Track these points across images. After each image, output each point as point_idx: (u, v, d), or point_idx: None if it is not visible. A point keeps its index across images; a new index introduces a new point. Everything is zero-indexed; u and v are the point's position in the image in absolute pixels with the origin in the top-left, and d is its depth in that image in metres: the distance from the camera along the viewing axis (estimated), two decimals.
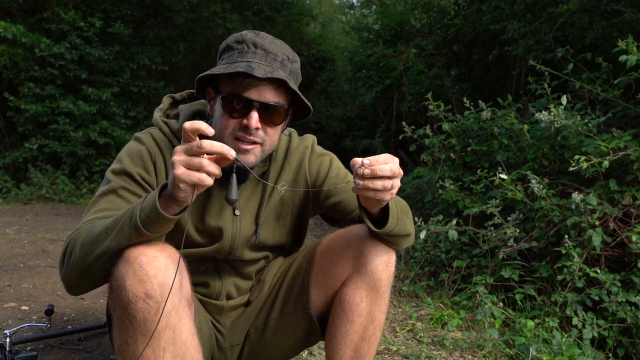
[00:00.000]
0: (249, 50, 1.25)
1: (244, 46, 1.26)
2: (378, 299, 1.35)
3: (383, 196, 1.09)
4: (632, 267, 2.56)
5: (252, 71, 1.18)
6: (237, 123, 1.24)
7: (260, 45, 1.25)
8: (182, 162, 0.98)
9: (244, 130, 1.23)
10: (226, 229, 1.39)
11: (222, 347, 1.51)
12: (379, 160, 1.08)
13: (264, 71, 1.19)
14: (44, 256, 3.98)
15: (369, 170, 1.06)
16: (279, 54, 1.27)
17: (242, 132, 1.24)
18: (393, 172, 1.08)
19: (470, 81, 7.34)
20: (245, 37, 1.27)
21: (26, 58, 8.01)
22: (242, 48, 1.26)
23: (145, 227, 1.03)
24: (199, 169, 0.98)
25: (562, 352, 2.17)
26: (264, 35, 1.28)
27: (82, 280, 1.16)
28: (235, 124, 1.24)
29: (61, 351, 2.09)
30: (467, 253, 3.26)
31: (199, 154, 0.98)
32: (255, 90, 1.22)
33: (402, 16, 8.85)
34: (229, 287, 1.49)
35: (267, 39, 1.27)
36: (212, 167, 0.99)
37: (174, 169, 0.98)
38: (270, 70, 1.21)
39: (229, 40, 1.30)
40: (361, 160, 1.07)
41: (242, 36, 1.27)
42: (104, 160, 8.59)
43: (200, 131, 0.98)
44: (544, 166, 3.19)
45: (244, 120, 1.22)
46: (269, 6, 11.37)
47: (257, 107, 1.22)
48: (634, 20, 4.15)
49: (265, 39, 1.27)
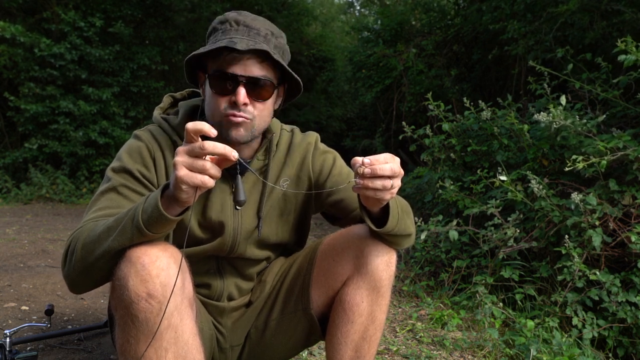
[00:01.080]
0: (232, 28, 1.27)
1: (226, 25, 1.28)
2: (379, 299, 1.35)
3: (383, 195, 1.09)
4: (632, 267, 2.56)
5: (234, 45, 1.19)
6: (226, 101, 1.26)
7: (242, 22, 1.28)
8: (184, 164, 0.98)
9: (233, 107, 1.25)
10: (228, 223, 1.38)
11: (223, 347, 1.51)
12: (380, 159, 1.07)
13: (246, 44, 1.21)
14: (44, 256, 3.98)
15: (369, 170, 1.06)
16: (262, 29, 1.29)
17: (231, 110, 1.25)
18: (393, 171, 1.08)
19: (470, 81, 7.34)
20: (227, 17, 1.29)
21: (26, 58, 8.00)
22: (225, 27, 1.28)
23: (147, 227, 1.03)
24: (202, 171, 0.98)
25: (562, 352, 2.17)
26: (245, 14, 1.30)
27: (84, 279, 1.16)
28: (225, 102, 1.26)
29: (61, 351, 2.09)
30: (467, 253, 3.26)
31: (202, 156, 0.98)
32: (239, 66, 1.23)
33: (402, 16, 8.85)
34: (231, 288, 1.49)
35: (249, 16, 1.30)
36: (214, 170, 0.99)
37: (176, 171, 0.98)
38: (253, 44, 1.22)
39: (214, 22, 1.32)
40: (362, 159, 1.07)
41: (225, 16, 1.30)
42: (104, 160, 8.59)
43: (203, 132, 0.98)
44: (544, 166, 3.19)
45: (232, 97, 1.24)
46: (269, 6, 11.36)
47: (244, 83, 1.24)
48: (634, 20, 4.15)
49: (247, 17, 1.29)
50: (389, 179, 1.08)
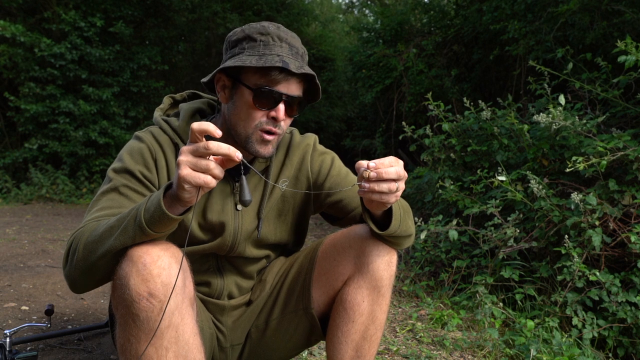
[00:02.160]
0: (275, 43, 1.26)
1: (268, 38, 1.26)
2: (379, 299, 1.35)
3: (388, 199, 1.10)
4: (632, 267, 2.56)
5: (287, 66, 1.21)
6: (264, 115, 1.27)
7: (284, 39, 1.28)
8: (188, 163, 0.98)
9: (271, 123, 1.27)
10: (228, 224, 1.39)
11: (223, 346, 1.52)
12: (385, 163, 1.08)
13: (295, 66, 1.23)
14: (44, 256, 3.98)
15: (375, 173, 1.06)
16: (300, 48, 1.31)
17: (269, 125, 1.27)
18: (398, 174, 1.08)
19: (471, 81, 7.34)
20: (268, 29, 1.27)
21: (26, 58, 8.01)
22: (266, 40, 1.26)
23: (149, 226, 1.03)
24: (205, 171, 0.98)
25: (562, 352, 2.17)
26: (283, 29, 1.30)
27: (86, 279, 1.16)
28: (262, 116, 1.27)
29: (61, 351, 2.09)
30: (467, 253, 3.26)
31: (206, 155, 0.98)
32: (284, 85, 1.25)
33: (402, 16, 8.85)
34: (231, 286, 1.49)
35: (289, 33, 1.30)
36: (217, 170, 0.99)
37: (179, 170, 0.98)
38: (300, 65, 1.25)
39: (249, 30, 1.28)
40: (367, 163, 1.08)
41: (265, 28, 1.27)
42: (104, 160, 8.59)
43: (208, 132, 0.98)
44: (544, 166, 3.19)
45: (272, 112, 1.26)
46: (269, 6, 11.37)
47: (285, 100, 1.26)
48: (635, 20, 4.16)
49: (287, 33, 1.30)
50: (394, 182, 1.08)
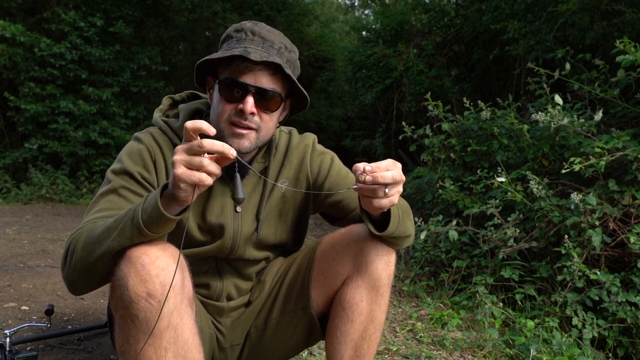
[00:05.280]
0: (247, 38, 1.28)
1: (242, 34, 1.29)
2: (378, 299, 1.35)
3: (382, 203, 1.09)
4: (632, 267, 2.56)
5: (248, 55, 1.21)
6: (233, 108, 1.27)
7: (257, 33, 1.29)
8: (182, 162, 0.98)
9: (240, 115, 1.26)
10: (228, 226, 1.39)
11: (223, 347, 1.52)
12: (381, 167, 1.07)
13: (260, 55, 1.22)
14: (44, 256, 3.98)
15: (370, 177, 1.06)
16: (276, 42, 1.30)
17: (237, 117, 1.26)
18: (394, 179, 1.07)
19: (471, 81, 7.34)
20: (244, 26, 1.30)
21: (26, 58, 8.01)
22: (240, 36, 1.29)
23: (147, 227, 1.03)
24: (199, 168, 0.97)
25: (562, 352, 2.17)
26: (262, 25, 1.32)
27: (84, 280, 1.16)
28: (231, 109, 1.27)
29: (61, 351, 2.09)
30: (467, 253, 3.26)
31: (200, 153, 0.98)
32: (251, 75, 1.24)
33: (402, 16, 8.85)
34: (230, 288, 1.49)
35: (265, 28, 1.31)
36: (212, 166, 0.99)
37: (174, 169, 0.98)
38: (267, 55, 1.24)
39: (229, 29, 1.33)
40: (363, 166, 1.06)
41: (241, 25, 1.31)
42: (104, 160, 8.59)
43: (202, 130, 0.98)
44: (544, 166, 3.19)
45: (240, 105, 1.25)
46: (270, 6, 11.38)
47: (253, 92, 1.25)
48: (635, 20, 4.15)
49: (263, 28, 1.31)
50: (393, 186, 1.08)
